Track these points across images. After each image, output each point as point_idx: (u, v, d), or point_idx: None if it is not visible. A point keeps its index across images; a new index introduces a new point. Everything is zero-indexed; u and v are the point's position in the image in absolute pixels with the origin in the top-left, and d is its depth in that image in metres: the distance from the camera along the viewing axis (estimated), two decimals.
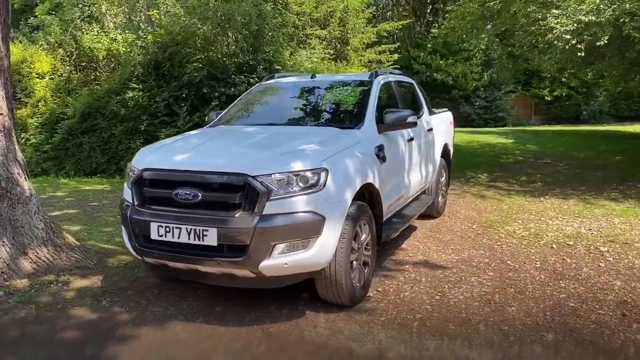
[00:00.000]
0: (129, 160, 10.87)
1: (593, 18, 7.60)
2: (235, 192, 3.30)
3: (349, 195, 3.54)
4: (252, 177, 3.26)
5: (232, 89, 10.77)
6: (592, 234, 5.77)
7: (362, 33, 16.79)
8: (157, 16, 11.15)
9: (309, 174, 3.35)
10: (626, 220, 6.29)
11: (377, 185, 4.04)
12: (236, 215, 3.27)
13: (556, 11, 7.91)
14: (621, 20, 7.30)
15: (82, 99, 11.41)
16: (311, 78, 5.21)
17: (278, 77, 5.52)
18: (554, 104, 31.57)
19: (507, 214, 6.84)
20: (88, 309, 3.80)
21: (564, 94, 30.48)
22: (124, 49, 13.65)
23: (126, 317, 3.66)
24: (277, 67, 10.95)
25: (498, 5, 9.79)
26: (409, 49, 29.02)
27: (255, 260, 3.24)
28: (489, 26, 10.81)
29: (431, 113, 6.34)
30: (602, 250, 5.13)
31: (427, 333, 3.38)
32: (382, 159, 4.24)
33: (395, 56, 18.29)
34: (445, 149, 6.80)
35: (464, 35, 11.77)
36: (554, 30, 7.91)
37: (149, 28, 10.70)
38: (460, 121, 28.26)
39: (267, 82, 5.39)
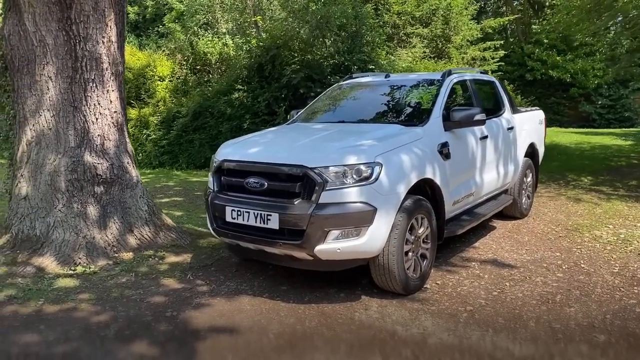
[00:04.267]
0: None
1: None
2: (295, 182, 3.66)
3: (402, 189, 3.74)
4: (310, 168, 3.60)
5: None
6: None
7: (465, 30, 16.40)
8: (261, 21, 11.94)
9: (362, 167, 3.61)
10: None
11: (437, 181, 4.18)
12: (295, 203, 3.63)
13: None
14: None
15: (194, 99, 12.55)
16: (385, 78, 5.42)
17: (355, 77, 5.80)
18: None
19: (599, 218, 6.48)
20: (175, 280, 4.40)
21: None
22: (233, 53, 14.73)
23: (204, 289, 4.18)
24: (371, 67, 11.20)
25: None
26: (522, 45, 27.53)
27: (311, 244, 3.57)
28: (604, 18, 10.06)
29: (515, 112, 6.22)
30: None
31: (473, 324, 3.48)
32: (446, 155, 4.35)
33: (501, 53, 17.59)
34: (532, 148, 6.62)
35: (575, 29, 11.04)
36: None
37: (253, 32, 11.51)
38: (579, 121, 26.30)
39: (344, 82, 5.70)
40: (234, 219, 3.89)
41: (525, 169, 6.39)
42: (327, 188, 3.56)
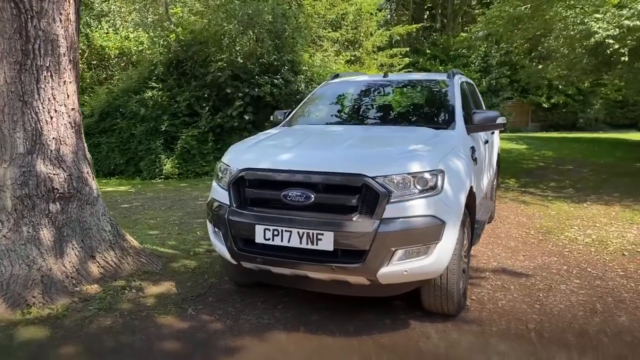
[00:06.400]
0: (149, 161, 10.61)
1: (637, 23, 7.54)
2: (352, 194, 3.09)
3: (463, 199, 3.36)
4: (371, 178, 3.06)
5: (256, 89, 10.55)
6: None
7: (374, 35, 16.64)
8: (180, 13, 10.87)
9: (427, 175, 3.15)
10: None
11: (474, 189, 3.87)
12: (353, 219, 3.06)
13: (599, 15, 7.84)
14: None
15: (100, 97, 11.09)
16: (384, 77, 5.00)
17: (343, 77, 5.31)
18: (552, 111, 31.85)
19: (558, 219, 6.71)
20: (175, 317, 3.56)
21: (561, 102, 30.75)
22: (135, 48, 13.35)
23: (220, 327, 3.42)
24: (304, 68, 10.75)
25: (528, 10, 9.72)
26: (408, 54, 28.99)
27: (373, 267, 3.04)
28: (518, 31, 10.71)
29: None
30: None
31: (550, 345, 3.20)
32: (475, 160, 4.08)
33: (406, 60, 18.18)
34: (498, 152, 6.67)
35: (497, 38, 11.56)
36: (596, 35, 7.83)
37: (171, 26, 10.43)
38: None
39: (335, 80, 5.17)
40: (268, 240, 3.20)
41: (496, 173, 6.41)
42: (391, 200, 3.05)
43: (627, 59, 7.74)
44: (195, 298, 3.91)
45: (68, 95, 3.96)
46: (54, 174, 3.84)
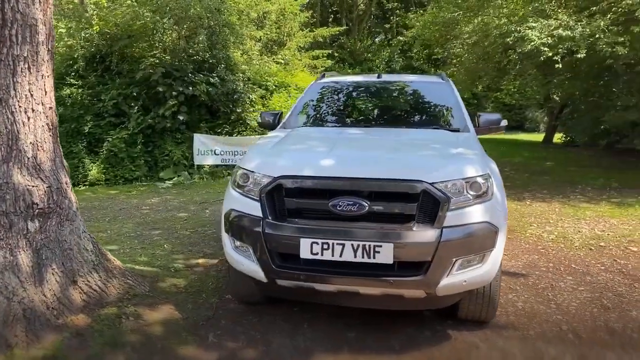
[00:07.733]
0: (71, 166, 9.51)
1: (568, 33, 8.14)
2: (410, 201, 2.89)
3: (505, 202, 3.30)
4: (430, 184, 2.89)
5: (191, 88, 9.92)
6: (607, 234, 6.10)
7: (296, 36, 16.50)
8: (104, 3, 9.86)
9: (480, 180, 3.04)
10: (623, 221, 6.75)
11: None
12: (414, 228, 2.86)
13: (534, 24, 8.35)
14: (596, 36, 7.96)
15: None
16: (378, 78, 4.84)
17: (330, 77, 5.06)
18: None
19: (513, 217, 7.00)
20: (197, 347, 3.12)
21: None
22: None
23: (255, 354, 3.05)
24: (243, 67, 10.30)
25: (461, 16, 10.12)
26: (330, 57, 29.25)
27: (434, 278, 2.87)
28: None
29: None
30: (635, 250, 5.43)
31: (594, 346, 3.24)
32: None
33: (329, 62, 18.24)
34: None
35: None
36: (532, 43, 8.33)
37: (94, 18, 9.42)
38: None
39: (328, 80, 4.89)
40: (316, 254, 2.89)
41: None
42: (451, 207, 2.90)
43: (560, 66, 8.42)
44: (207, 322, 3.47)
45: (46, 92, 3.32)
46: (33, 186, 3.19)
